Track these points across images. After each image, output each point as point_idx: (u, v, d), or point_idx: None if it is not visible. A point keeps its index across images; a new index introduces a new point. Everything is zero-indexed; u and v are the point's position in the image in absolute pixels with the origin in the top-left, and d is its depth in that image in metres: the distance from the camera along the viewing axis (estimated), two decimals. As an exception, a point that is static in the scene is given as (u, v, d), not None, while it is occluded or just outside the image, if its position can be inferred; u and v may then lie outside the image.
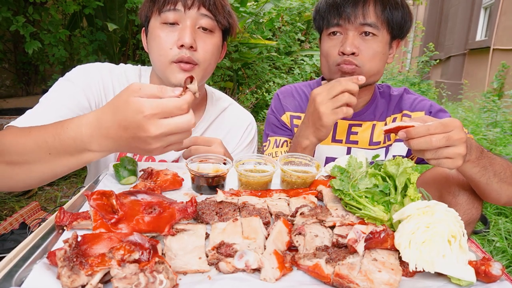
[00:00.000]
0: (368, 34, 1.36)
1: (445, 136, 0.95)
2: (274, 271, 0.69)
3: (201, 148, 1.23)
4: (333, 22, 1.39)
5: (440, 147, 0.96)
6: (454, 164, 0.98)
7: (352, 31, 1.37)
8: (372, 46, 1.37)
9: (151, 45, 1.26)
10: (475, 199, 1.26)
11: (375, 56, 1.38)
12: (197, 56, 1.22)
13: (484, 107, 6.30)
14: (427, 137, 0.95)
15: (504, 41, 8.17)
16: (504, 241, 2.33)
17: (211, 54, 1.26)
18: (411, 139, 0.98)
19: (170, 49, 1.20)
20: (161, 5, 1.20)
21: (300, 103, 1.67)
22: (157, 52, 1.22)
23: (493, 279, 0.69)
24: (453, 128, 0.96)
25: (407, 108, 1.57)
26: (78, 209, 0.90)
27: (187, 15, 1.19)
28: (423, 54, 10.74)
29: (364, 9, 1.34)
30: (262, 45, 4.97)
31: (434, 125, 0.96)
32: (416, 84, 10.34)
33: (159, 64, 1.24)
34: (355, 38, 1.37)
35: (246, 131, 1.60)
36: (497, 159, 1.18)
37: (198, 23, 1.22)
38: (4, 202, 2.86)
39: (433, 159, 0.99)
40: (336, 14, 1.37)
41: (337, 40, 1.41)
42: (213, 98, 1.55)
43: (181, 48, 1.19)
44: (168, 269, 0.63)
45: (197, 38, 1.21)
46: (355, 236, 0.74)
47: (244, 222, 0.83)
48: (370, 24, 1.35)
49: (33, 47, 2.79)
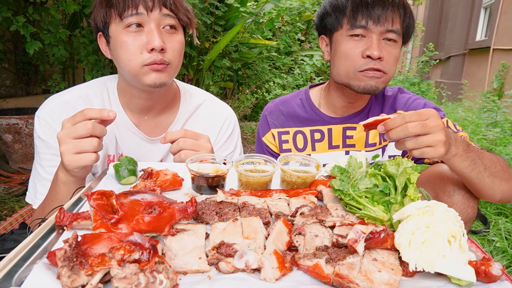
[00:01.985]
0: (390, 39, 1.35)
1: (420, 123, 0.97)
2: (274, 271, 0.69)
3: (188, 141, 1.21)
4: (360, 23, 1.33)
5: (417, 134, 0.98)
6: (436, 152, 0.99)
7: (377, 35, 1.33)
8: (393, 51, 1.36)
9: (118, 52, 1.22)
10: (470, 198, 1.26)
11: (396, 61, 1.38)
12: (168, 57, 1.23)
13: (484, 107, 6.31)
14: (403, 125, 0.97)
15: (504, 41, 8.17)
16: (504, 241, 2.33)
17: (179, 52, 1.28)
18: (389, 130, 0.99)
19: (141, 53, 1.19)
20: (121, 10, 1.17)
21: (287, 117, 1.64)
22: (126, 57, 1.20)
23: (493, 279, 0.69)
24: (428, 116, 0.98)
25: (401, 107, 1.56)
26: (78, 209, 0.90)
27: (151, 17, 1.19)
28: (423, 54, 10.74)
29: (393, 14, 1.32)
30: (262, 45, 4.97)
31: (409, 114, 0.98)
32: (416, 84, 10.34)
33: (129, 69, 1.22)
34: (380, 43, 1.33)
35: (224, 125, 1.55)
36: (485, 153, 1.18)
37: (161, 23, 1.22)
38: (4, 202, 2.86)
39: (414, 149, 1.00)
40: (365, 14, 1.32)
41: (361, 43, 1.35)
42: (186, 95, 1.53)
43: (152, 51, 1.19)
44: (168, 269, 0.63)
45: (164, 39, 1.21)
46: (355, 236, 0.74)
47: (244, 222, 0.82)
48: (395, 30, 1.33)
49: (34, 47, 2.79)
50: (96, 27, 1.27)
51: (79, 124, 1.03)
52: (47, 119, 1.32)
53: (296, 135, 1.63)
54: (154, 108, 1.42)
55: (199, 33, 4.00)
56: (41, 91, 4.11)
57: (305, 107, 1.63)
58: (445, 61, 12.17)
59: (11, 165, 3.38)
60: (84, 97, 1.36)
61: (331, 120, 1.59)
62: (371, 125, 1.04)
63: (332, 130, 1.59)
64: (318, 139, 1.61)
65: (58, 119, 1.27)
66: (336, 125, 1.59)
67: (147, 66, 1.20)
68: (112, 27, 1.21)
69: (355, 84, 1.38)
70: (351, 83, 1.39)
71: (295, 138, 1.63)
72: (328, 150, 1.61)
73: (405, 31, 1.40)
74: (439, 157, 1.02)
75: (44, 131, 1.32)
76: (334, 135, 1.59)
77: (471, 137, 4.65)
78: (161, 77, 1.23)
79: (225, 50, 4.48)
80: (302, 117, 1.62)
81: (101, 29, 1.25)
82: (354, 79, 1.38)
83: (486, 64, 8.74)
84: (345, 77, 1.41)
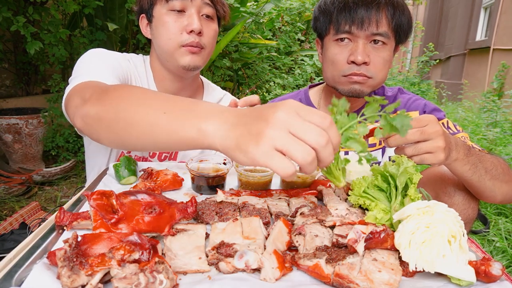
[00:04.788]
0: (377, 42, 1.31)
1: (419, 130, 0.96)
2: (274, 271, 0.69)
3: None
4: (343, 28, 1.30)
5: (416, 141, 0.97)
6: (436, 159, 0.99)
7: (362, 39, 1.30)
8: (381, 55, 1.32)
9: (159, 30, 1.32)
10: (471, 199, 1.26)
11: (385, 65, 1.34)
12: (204, 41, 1.33)
13: (484, 107, 6.30)
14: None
15: (504, 41, 8.16)
16: (504, 241, 2.33)
17: (213, 39, 1.39)
18: (388, 138, 0.99)
19: (180, 34, 1.29)
20: None
21: None
22: (166, 36, 1.30)
23: (493, 279, 0.69)
24: (427, 122, 0.97)
25: (401, 108, 1.55)
26: (78, 209, 0.90)
27: (193, 3, 1.30)
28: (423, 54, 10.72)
29: (378, 16, 1.27)
30: (262, 45, 4.96)
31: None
32: (416, 84, 10.33)
33: (167, 47, 1.31)
34: (366, 47, 1.30)
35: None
36: (487, 156, 1.18)
37: (201, 11, 1.33)
38: (4, 202, 2.86)
39: (414, 156, 0.99)
40: (348, 19, 1.29)
41: (346, 47, 1.33)
42: (209, 88, 1.63)
43: (191, 33, 1.29)
44: (168, 269, 0.63)
45: (201, 24, 1.31)
46: (355, 236, 0.74)
47: (244, 222, 0.82)
48: (382, 33, 1.29)
49: (35, 47, 2.79)
50: (140, 8, 1.39)
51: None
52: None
53: None
54: (181, 94, 1.46)
55: (199, 33, 3.99)
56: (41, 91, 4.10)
57: None
58: (445, 61, 12.16)
59: (11, 165, 3.38)
60: (128, 58, 1.42)
61: None
62: (370, 133, 1.04)
63: None
64: None
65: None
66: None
67: (184, 47, 1.30)
68: (156, 7, 1.32)
69: (340, 88, 1.39)
70: (337, 87, 1.40)
71: None
72: None
73: (397, 30, 1.34)
74: (439, 163, 1.01)
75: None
76: None
77: (471, 137, 4.65)
78: (196, 60, 1.33)
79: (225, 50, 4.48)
80: None
81: (145, 10, 1.36)
82: (339, 83, 1.38)
83: (486, 64, 8.73)
84: (332, 81, 1.41)
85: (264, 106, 0.64)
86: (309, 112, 0.61)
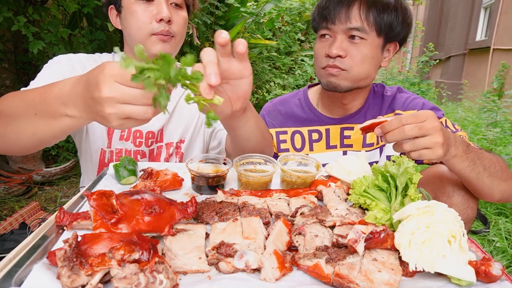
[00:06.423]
0: (355, 37, 1.36)
1: (417, 125, 0.97)
2: (274, 271, 0.69)
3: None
4: (322, 24, 1.42)
5: (415, 136, 0.98)
6: (434, 154, 0.99)
7: (340, 34, 1.37)
8: (360, 50, 1.36)
9: (129, 20, 1.33)
10: (470, 199, 1.26)
11: (364, 60, 1.38)
12: (173, 29, 1.35)
13: (484, 107, 6.30)
14: (400, 128, 0.98)
15: (504, 41, 8.16)
16: (504, 241, 2.33)
17: (183, 27, 1.40)
18: (386, 133, 1.00)
19: (150, 23, 1.31)
20: None
21: (286, 117, 1.65)
22: (136, 25, 1.32)
23: (493, 279, 0.69)
24: (425, 118, 0.98)
25: (399, 107, 1.56)
26: (78, 209, 0.90)
27: None
28: (423, 54, 10.73)
29: (348, 12, 1.34)
30: (262, 45, 4.96)
31: (406, 116, 0.99)
32: (416, 84, 10.33)
33: (138, 37, 1.32)
34: (343, 41, 1.37)
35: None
36: (485, 153, 1.18)
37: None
38: (4, 202, 2.86)
39: (412, 151, 1.00)
40: (326, 15, 1.39)
41: (326, 43, 1.41)
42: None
43: (160, 22, 1.30)
44: (168, 269, 0.63)
45: (171, 12, 1.32)
46: (355, 236, 0.74)
47: (244, 222, 0.83)
48: (357, 28, 1.34)
49: (38, 47, 2.80)
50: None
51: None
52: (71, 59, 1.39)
53: (294, 135, 1.63)
54: None
55: (199, 33, 4.00)
56: (41, 91, 4.09)
57: (303, 107, 1.64)
58: (445, 61, 12.16)
59: (11, 165, 3.38)
60: (97, 58, 1.45)
61: (329, 120, 1.59)
62: (368, 128, 1.04)
63: (329, 130, 1.59)
64: (316, 139, 1.61)
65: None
66: (333, 125, 1.59)
67: (154, 35, 1.31)
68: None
69: (321, 81, 1.47)
70: (320, 80, 1.47)
71: (293, 138, 1.63)
72: (326, 150, 1.61)
73: (380, 27, 1.36)
74: (438, 159, 1.02)
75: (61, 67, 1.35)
76: (331, 135, 1.59)
77: (471, 137, 4.66)
78: (167, 48, 1.34)
79: (225, 50, 4.47)
80: (301, 117, 1.63)
81: (114, 0, 1.38)
82: (319, 76, 1.47)
83: (486, 64, 8.73)
84: (318, 75, 1.49)
85: (93, 74, 0.73)
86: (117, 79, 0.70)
